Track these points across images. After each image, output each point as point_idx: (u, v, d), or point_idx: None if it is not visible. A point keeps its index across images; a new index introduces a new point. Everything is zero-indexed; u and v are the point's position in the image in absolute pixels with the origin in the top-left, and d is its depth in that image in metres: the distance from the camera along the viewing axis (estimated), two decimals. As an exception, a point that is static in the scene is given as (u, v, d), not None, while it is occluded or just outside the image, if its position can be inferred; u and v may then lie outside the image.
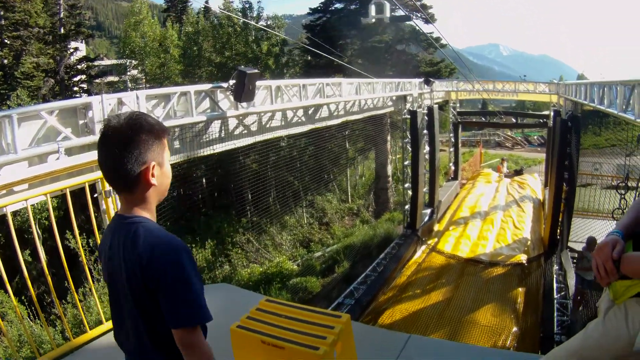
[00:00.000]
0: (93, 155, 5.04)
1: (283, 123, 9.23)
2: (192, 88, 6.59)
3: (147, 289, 1.89)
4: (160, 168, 2.04)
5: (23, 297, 12.15)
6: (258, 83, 7.29)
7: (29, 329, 9.81)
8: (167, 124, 6.25)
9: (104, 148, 1.95)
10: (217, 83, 6.93)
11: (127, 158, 1.91)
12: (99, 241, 4.89)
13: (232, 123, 7.86)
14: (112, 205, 5.17)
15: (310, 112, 10.01)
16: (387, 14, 3.34)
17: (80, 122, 5.32)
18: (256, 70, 6.19)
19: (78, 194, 4.89)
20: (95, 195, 5.20)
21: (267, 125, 8.75)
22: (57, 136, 5.02)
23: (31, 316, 11.25)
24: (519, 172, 27.41)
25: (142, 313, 1.97)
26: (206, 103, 6.98)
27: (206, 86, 6.79)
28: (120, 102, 5.59)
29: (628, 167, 10.44)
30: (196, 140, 7.02)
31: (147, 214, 2.05)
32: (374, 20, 3.47)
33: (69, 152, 5.06)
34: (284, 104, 8.70)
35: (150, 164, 1.97)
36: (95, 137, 5.22)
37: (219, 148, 7.55)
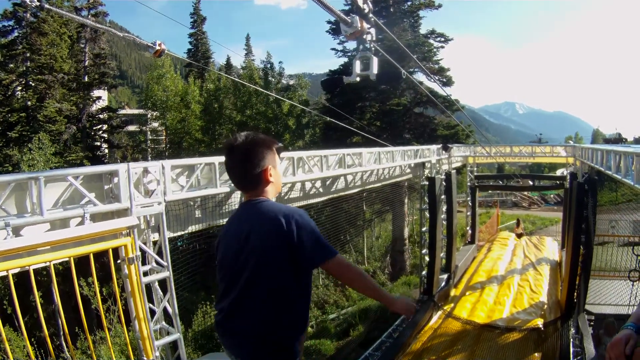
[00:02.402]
0: (117, 222, 5.19)
1: (301, 194, 9.30)
2: (216, 159, 6.70)
3: (289, 245, 2.49)
4: (274, 169, 2.83)
5: (33, 339, 12.09)
6: (281, 155, 7.38)
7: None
8: (191, 194, 6.38)
9: (232, 158, 2.78)
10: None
11: (250, 165, 2.71)
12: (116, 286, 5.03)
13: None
14: (134, 271, 5.27)
15: (327, 182, 10.11)
16: (375, 69, 3.28)
17: (106, 187, 5.41)
18: (281, 145, 6.34)
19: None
20: (119, 261, 5.31)
21: (286, 197, 8.81)
22: (81, 199, 5.11)
23: (40, 359, 11.22)
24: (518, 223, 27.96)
25: (259, 282, 2.57)
26: (229, 174, 7.09)
27: (231, 158, 6.92)
28: (146, 171, 5.69)
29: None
30: (217, 210, 7.10)
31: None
32: (358, 79, 3.46)
33: (93, 217, 5.13)
34: (305, 175, 8.78)
35: (268, 167, 2.76)
36: (120, 205, 5.31)
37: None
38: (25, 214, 4.70)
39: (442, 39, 29.45)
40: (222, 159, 6.52)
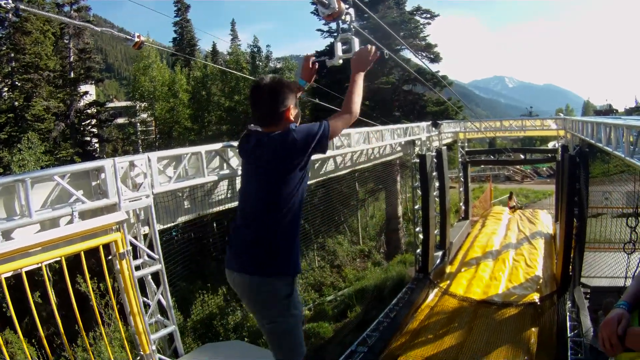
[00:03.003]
0: (106, 219, 5.16)
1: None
2: (203, 148, 6.65)
3: (301, 150, 2.96)
4: (295, 110, 3.15)
5: (33, 339, 12.09)
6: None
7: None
8: (179, 185, 6.34)
9: (258, 96, 3.11)
10: (228, 142, 7.00)
11: (275, 102, 3.05)
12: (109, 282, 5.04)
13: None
14: (126, 266, 5.25)
15: (316, 165, 10.08)
16: (356, 48, 3.21)
17: (93, 183, 5.36)
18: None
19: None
20: (110, 257, 5.29)
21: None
22: (69, 198, 5.07)
23: (41, 358, 11.22)
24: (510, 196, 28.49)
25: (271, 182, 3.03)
26: (216, 161, 7.06)
27: (217, 146, 6.86)
28: (132, 165, 5.65)
29: (639, 193, 10.38)
30: (206, 199, 7.08)
31: None
32: (341, 61, 3.37)
33: (82, 214, 5.09)
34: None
35: (290, 106, 3.10)
36: (108, 200, 5.29)
37: (230, 205, 7.55)
38: (14, 216, 4.66)
39: (428, 16, 29.31)
40: (209, 147, 6.46)
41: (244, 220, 3.16)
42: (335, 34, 3.84)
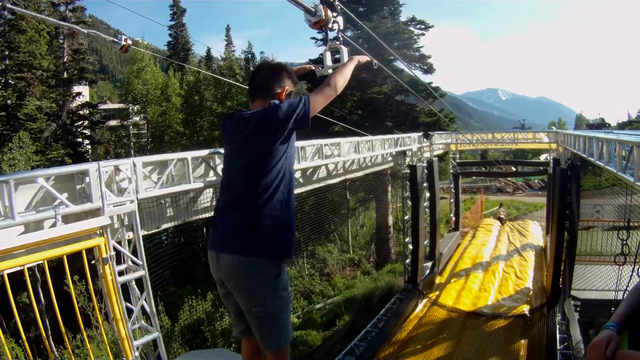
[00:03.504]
0: (89, 223, 5.07)
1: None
2: (189, 154, 6.57)
3: (282, 122, 2.98)
4: (289, 96, 3.23)
5: (20, 340, 11.97)
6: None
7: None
8: (164, 191, 6.27)
9: (260, 72, 3.28)
10: (215, 149, 6.94)
11: (273, 79, 3.20)
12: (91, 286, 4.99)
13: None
14: (109, 271, 5.19)
15: (308, 173, 10.03)
16: (345, 60, 3.12)
17: (78, 187, 5.30)
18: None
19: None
20: (93, 262, 5.23)
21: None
22: (54, 201, 4.99)
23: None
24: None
25: (254, 158, 3.05)
26: (202, 169, 6.99)
27: (203, 152, 6.80)
28: (117, 169, 5.59)
29: (630, 207, 10.37)
30: (191, 206, 7.00)
31: None
32: (330, 70, 3.28)
33: (66, 218, 5.04)
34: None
35: (285, 88, 3.21)
36: (92, 205, 5.21)
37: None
38: (-2, 219, 4.60)
39: (423, 27, 29.35)
40: (195, 154, 6.41)
41: (231, 200, 3.16)
42: (324, 43, 3.81)
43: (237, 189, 3.13)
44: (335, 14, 3.50)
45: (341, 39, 3.77)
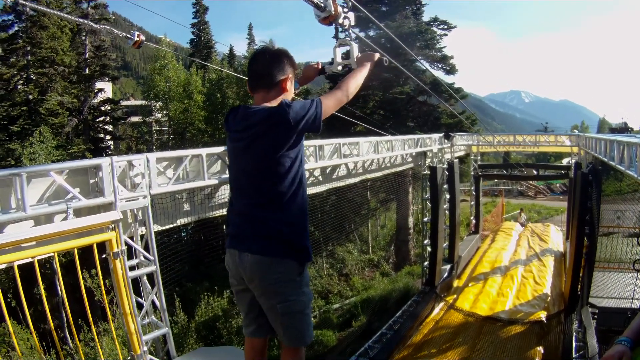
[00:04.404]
0: (101, 217, 5.09)
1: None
2: (204, 151, 6.57)
3: (292, 125, 2.78)
4: (291, 84, 3.09)
5: (42, 329, 12.04)
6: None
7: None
8: (178, 187, 6.27)
9: (259, 58, 3.05)
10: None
11: (275, 67, 2.97)
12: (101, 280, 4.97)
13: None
14: (119, 265, 5.18)
15: (327, 171, 9.98)
16: (355, 56, 3.00)
17: (91, 181, 5.34)
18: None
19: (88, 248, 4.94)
20: (104, 255, 5.22)
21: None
22: (66, 195, 5.04)
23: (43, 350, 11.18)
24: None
25: (261, 161, 2.87)
26: (218, 165, 6.97)
27: (219, 149, 6.78)
28: (131, 164, 5.60)
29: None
30: (206, 202, 6.99)
31: None
32: (340, 68, 3.20)
33: (78, 212, 5.07)
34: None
35: (288, 76, 3.01)
36: (104, 199, 5.27)
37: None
38: (10, 210, 4.64)
39: (445, 27, 29.20)
40: (210, 150, 6.38)
41: (244, 201, 3.04)
42: (347, 38, 3.70)
43: (247, 190, 3.01)
44: (346, 10, 3.41)
45: (351, 35, 3.67)
